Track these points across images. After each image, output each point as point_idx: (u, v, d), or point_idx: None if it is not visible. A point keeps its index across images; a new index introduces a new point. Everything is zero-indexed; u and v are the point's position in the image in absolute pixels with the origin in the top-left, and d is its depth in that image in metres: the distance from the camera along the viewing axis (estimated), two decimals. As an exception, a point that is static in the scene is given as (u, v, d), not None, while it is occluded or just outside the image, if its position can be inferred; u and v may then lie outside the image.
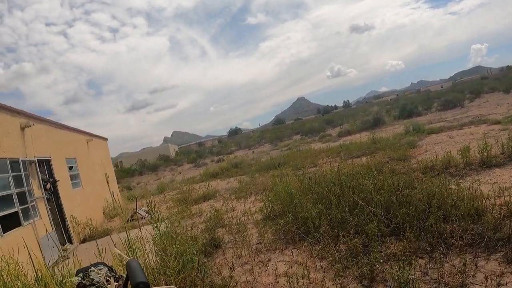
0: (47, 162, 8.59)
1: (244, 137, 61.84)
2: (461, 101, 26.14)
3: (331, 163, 10.28)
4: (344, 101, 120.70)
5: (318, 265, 3.88)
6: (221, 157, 32.64)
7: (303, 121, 63.52)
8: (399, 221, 4.08)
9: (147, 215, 10.11)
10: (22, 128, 7.38)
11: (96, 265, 2.16)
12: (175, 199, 12.04)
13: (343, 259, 3.67)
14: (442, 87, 78.63)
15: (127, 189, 23.32)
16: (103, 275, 2.03)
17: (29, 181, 7.21)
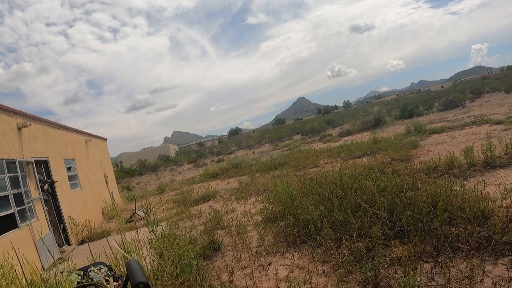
0: (44, 162, 8.49)
1: (244, 137, 61.77)
2: (462, 101, 26.03)
3: (332, 163, 10.18)
4: (344, 101, 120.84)
5: (320, 270, 3.76)
6: (221, 157, 32.55)
7: (304, 121, 63.45)
8: (403, 223, 3.97)
9: (146, 216, 10.02)
10: (19, 128, 7.29)
11: (95, 264, 2.10)
12: (174, 200, 11.94)
13: (346, 264, 3.56)
14: (442, 87, 78.60)
15: (126, 189, 23.23)
16: (103, 275, 1.96)
17: (26, 182, 7.11)
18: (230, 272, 4.13)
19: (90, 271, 1.98)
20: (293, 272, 3.88)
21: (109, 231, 9.07)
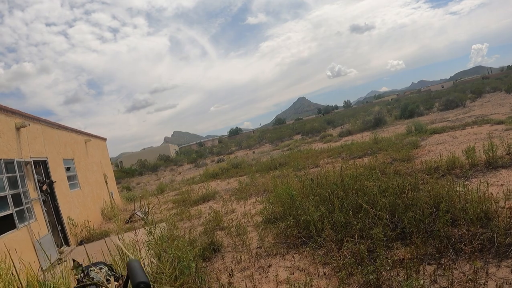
0: (43, 163, 8.44)
1: (244, 137, 61.73)
2: (463, 101, 25.97)
3: (332, 163, 10.13)
4: (344, 101, 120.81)
5: (321, 272, 3.71)
6: (221, 157, 32.50)
7: (304, 121, 63.40)
8: (405, 225, 3.92)
9: (146, 217, 9.96)
10: (17, 128, 7.24)
11: (96, 264, 2.09)
12: (174, 200, 11.89)
13: (347, 266, 3.50)
14: (443, 87, 78.55)
15: (126, 189, 23.19)
16: (104, 275, 1.95)
17: (25, 183, 7.06)
18: (229, 274, 4.07)
19: (90, 270, 1.97)
20: (293, 274, 3.83)
21: (108, 231, 9.01)
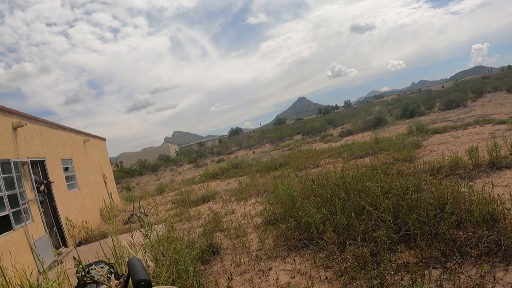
0: (41, 163, 8.34)
1: (245, 137, 61.62)
2: (464, 100, 25.85)
3: (333, 163, 10.02)
4: (345, 101, 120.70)
5: (322, 276, 3.60)
6: (221, 157, 32.39)
7: (304, 121, 63.27)
8: (410, 227, 3.81)
9: (145, 217, 9.86)
10: (14, 128, 7.15)
11: (97, 263, 2.05)
12: (173, 201, 11.79)
13: (350, 270, 3.39)
14: (443, 87, 78.40)
15: (126, 189, 23.10)
16: (104, 273, 1.92)
17: (21, 183, 6.96)
18: (228, 277, 3.97)
19: (91, 269, 1.93)
20: (294, 278, 3.72)
21: (107, 232, 8.91)
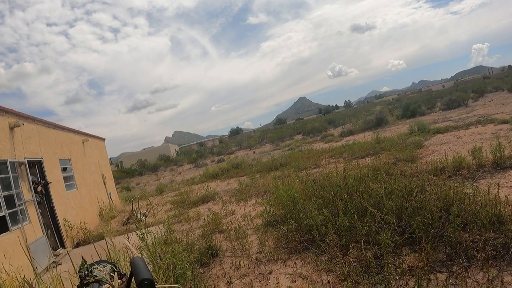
0: (38, 163, 8.24)
1: (245, 137, 61.51)
2: (465, 100, 25.73)
3: (334, 163, 9.91)
4: (345, 101, 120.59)
5: (324, 280, 3.49)
6: (221, 157, 32.29)
7: (305, 121, 63.15)
8: (414, 229, 3.70)
9: (144, 218, 9.76)
10: (11, 128, 7.05)
11: (99, 262, 1.98)
12: (173, 201, 11.68)
13: (353, 274, 3.29)
14: (443, 87, 78.27)
15: (126, 190, 23.00)
16: (107, 272, 1.84)
17: (18, 184, 6.86)
18: (228, 281, 3.86)
19: (94, 268, 1.87)
20: (295, 282, 3.61)
21: (105, 234, 8.81)
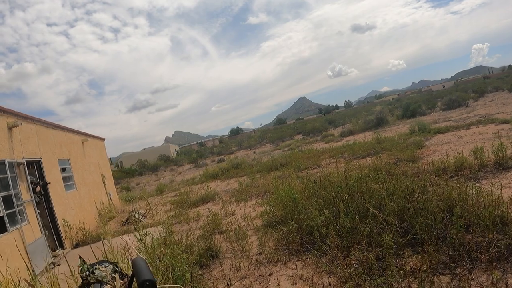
0: (37, 163, 8.19)
1: (245, 137, 61.45)
2: (466, 100, 25.68)
3: (335, 163, 9.86)
4: (345, 101, 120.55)
5: (325, 282, 3.44)
6: (221, 157, 32.23)
7: (305, 121, 63.10)
8: (417, 231, 3.65)
9: (144, 219, 9.72)
10: (9, 127, 7.00)
11: (100, 262, 1.94)
12: (173, 202, 11.63)
13: (355, 276, 3.24)
14: (444, 87, 78.20)
15: (126, 190, 22.94)
16: (108, 272, 1.81)
17: (17, 184, 6.81)
18: (227, 283, 3.81)
19: (95, 268, 1.84)
20: (296, 284, 3.56)
21: (103, 234, 8.76)
